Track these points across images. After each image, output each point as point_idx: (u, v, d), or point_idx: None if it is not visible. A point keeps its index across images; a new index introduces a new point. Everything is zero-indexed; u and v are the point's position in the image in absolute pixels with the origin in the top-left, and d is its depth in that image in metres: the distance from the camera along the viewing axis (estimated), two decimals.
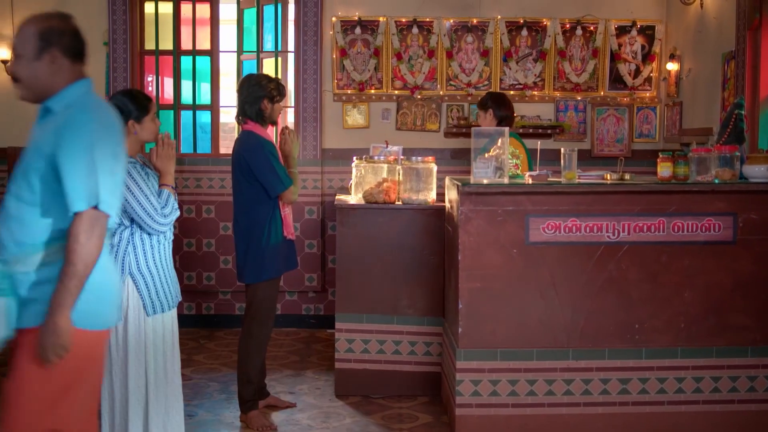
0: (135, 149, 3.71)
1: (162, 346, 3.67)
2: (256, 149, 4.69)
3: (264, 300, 4.76)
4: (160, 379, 3.67)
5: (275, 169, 4.65)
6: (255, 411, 4.80)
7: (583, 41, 7.01)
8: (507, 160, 4.50)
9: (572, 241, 4.43)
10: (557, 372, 4.47)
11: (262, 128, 4.78)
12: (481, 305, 4.45)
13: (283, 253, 4.79)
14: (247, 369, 4.78)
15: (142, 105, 3.69)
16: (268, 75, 4.89)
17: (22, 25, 2.91)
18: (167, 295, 3.66)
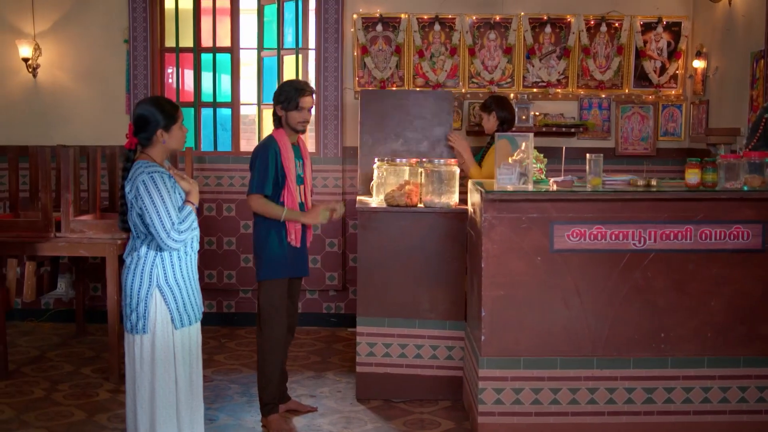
0: (163, 157, 3.70)
1: (188, 358, 3.65)
2: (258, 148, 4.77)
3: (267, 301, 4.72)
4: (187, 392, 3.65)
5: (258, 171, 4.66)
6: (275, 414, 4.78)
7: (607, 38, 6.91)
8: (531, 165, 4.44)
9: (597, 249, 4.37)
10: (581, 381, 4.42)
11: (283, 133, 4.74)
12: (504, 313, 4.40)
13: (288, 258, 4.73)
14: (264, 369, 4.75)
15: (170, 114, 3.66)
16: (289, 82, 4.82)
17: None
18: (193, 308, 3.66)
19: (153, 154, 3.65)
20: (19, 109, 7.06)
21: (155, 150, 3.65)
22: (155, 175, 3.51)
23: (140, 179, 3.50)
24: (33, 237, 5.48)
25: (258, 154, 4.71)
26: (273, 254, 4.71)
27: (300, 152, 4.84)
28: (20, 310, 7.09)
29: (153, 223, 3.48)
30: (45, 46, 7.00)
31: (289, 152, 4.72)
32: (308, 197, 4.89)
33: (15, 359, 5.99)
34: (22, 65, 6.98)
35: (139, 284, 3.56)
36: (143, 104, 3.67)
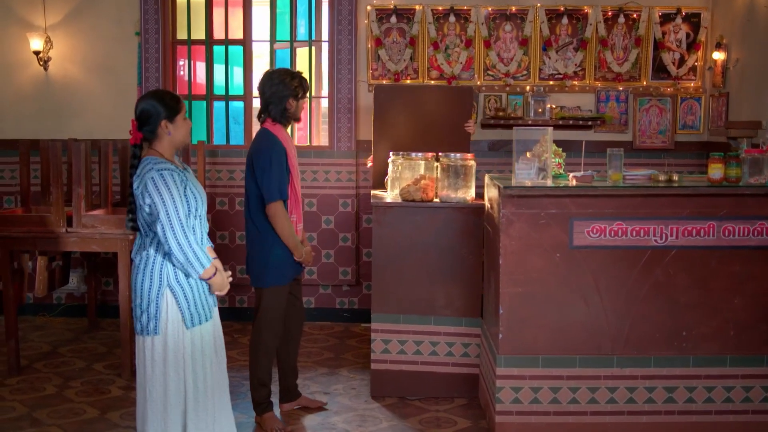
0: (171, 152, 3.59)
1: (201, 358, 3.56)
2: (264, 149, 4.51)
3: (268, 307, 4.62)
4: (202, 392, 3.57)
5: (273, 175, 4.45)
6: (269, 413, 4.72)
7: (625, 29, 6.80)
8: (550, 160, 4.35)
9: (618, 245, 4.28)
10: (601, 379, 4.34)
11: (281, 128, 4.60)
12: (522, 311, 4.32)
13: (291, 260, 4.62)
14: (257, 373, 4.68)
15: (172, 105, 3.55)
16: (290, 70, 4.68)
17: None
18: (204, 307, 3.56)
19: (161, 149, 3.53)
20: (30, 103, 7.01)
21: (162, 144, 3.53)
22: (165, 172, 3.40)
23: (149, 176, 3.39)
24: (44, 232, 5.43)
25: (271, 156, 4.47)
26: (280, 261, 4.58)
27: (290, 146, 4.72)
28: (32, 304, 7.06)
29: (161, 221, 3.37)
30: (56, 39, 6.95)
31: (293, 149, 4.62)
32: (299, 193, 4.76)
33: (27, 354, 5.95)
34: (33, 58, 6.92)
35: (150, 284, 3.47)
36: (144, 98, 3.56)
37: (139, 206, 3.45)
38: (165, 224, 3.36)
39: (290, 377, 4.93)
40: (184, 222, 3.39)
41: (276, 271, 4.59)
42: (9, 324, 5.50)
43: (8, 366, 5.54)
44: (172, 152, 3.59)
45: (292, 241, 4.54)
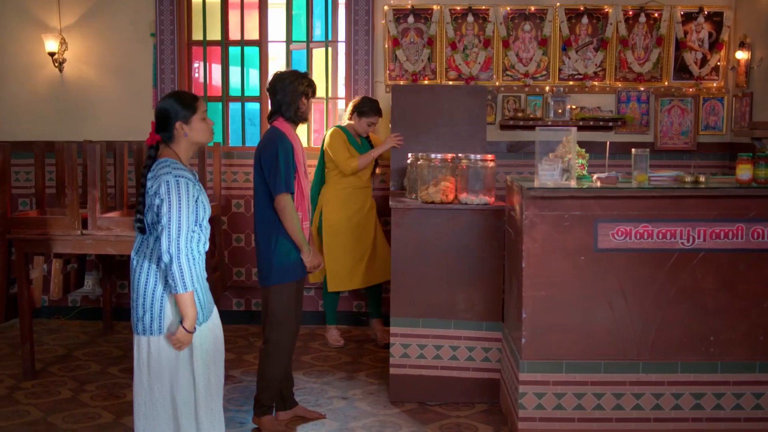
0: (188, 154, 3.51)
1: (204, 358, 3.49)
2: (270, 144, 4.47)
3: (275, 306, 4.53)
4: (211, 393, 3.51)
5: (280, 168, 4.40)
6: (269, 416, 4.64)
7: (646, 29, 6.69)
8: (574, 161, 4.25)
9: (644, 248, 4.19)
10: (626, 385, 4.24)
11: (289, 126, 4.56)
12: (545, 315, 4.23)
13: (297, 258, 4.53)
14: (266, 374, 4.59)
15: (188, 105, 3.46)
16: (298, 72, 4.63)
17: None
18: (203, 308, 3.47)
19: (178, 150, 3.46)
20: (45, 105, 6.97)
21: (180, 146, 3.46)
22: (181, 180, 3.31)
23: (164, 179, 3.31)
24: (59, 234, 5.37)
25: (278, 149, 4.42)
26: (287, 257, 4.50)
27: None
28: (47, 307, 7.01)
29: (163, 225, 3.29)
30: (71, 40, 6.90)
31: (300, 147, 4.57)
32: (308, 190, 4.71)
33: (42, 358, 5.90)
34: (48, 60, 6.88)
35: (154, 283, 3.39)
36: (163, 99, 3.51)
37: (149, 205, 3.37)
38: (166, 229, 3.28)
39: (285, 386, 4.81)
40: (183, 233, 3.30)
41: (282, 269, 4.49)
42: (24, 327, 5.45)
43: (23, 369, 5.49)
44: (189, 153, 3.52)
45: (299, 236, 4.47)
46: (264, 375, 4.60)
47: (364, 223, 6.22)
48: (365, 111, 6.13)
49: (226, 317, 6.63)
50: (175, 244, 3.28)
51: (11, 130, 6.86)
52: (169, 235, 3.27)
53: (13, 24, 6.95)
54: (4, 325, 6.78)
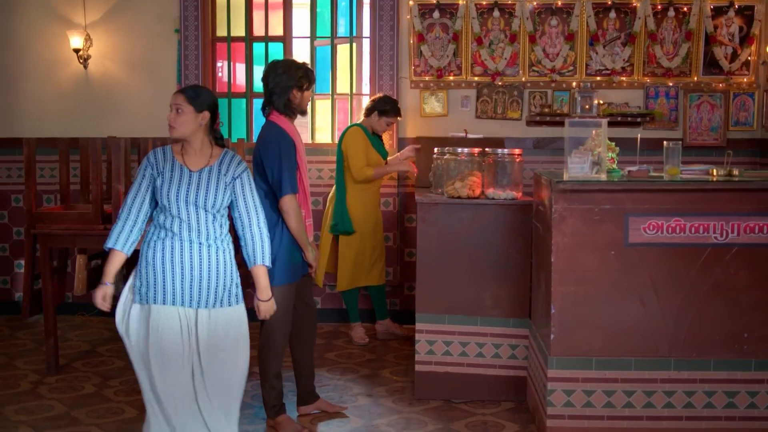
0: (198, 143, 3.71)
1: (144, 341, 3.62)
2: (272, 141, 4.32)
3: (280, 305, 4.36)
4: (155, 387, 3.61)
5: (284, 167, 4.26)
6: (283, 415, 4.55)
7: (675, 23, 6.59)
8: (604, 153, 4.17)
9: (676, 243, 4.10)
10: (657, 383, 4.15)
11: (286, 120, 4.41)
12: (575, 311, 4.15)
13: (299, 257, 4.45)
14: (267, 374, 4.51)
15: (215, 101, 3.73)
16: (295, 61, 4.50)
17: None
18: (156, 287, 3.62)
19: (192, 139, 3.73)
20: (70, 101, 6.97)
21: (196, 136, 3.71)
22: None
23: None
24: (83, 229, 5.35)
25: (280, 148, 4.28)
26: (290, 257, 4.40)
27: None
28: (71, 304, 7.01)
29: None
30: (96, 36, 6.90)
31: (301, 143, 4.44)
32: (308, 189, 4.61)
33: (66, 354, 5.89)
34: (73, 56, 6.88)
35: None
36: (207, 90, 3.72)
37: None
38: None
39: (306, 380, 4.77)
40: (129, 200, 3.64)
41: (284, 269, 4.37)
42: (48, 322, 5.44)
43: (47, 365, 5.48)
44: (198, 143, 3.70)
45: (303, 238, 4.38)
46: (267, 377, 4.51)
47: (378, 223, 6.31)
48: (387, 110, 6.08)
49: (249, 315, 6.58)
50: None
51: (36, 127, 6.86)
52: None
53: (38, 21, 6.96)
54: (28, 321, 6.81)
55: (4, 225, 7.13)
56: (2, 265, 7.17)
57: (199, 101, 3.58)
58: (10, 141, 6.97)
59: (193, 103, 3.58)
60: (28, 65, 7.00)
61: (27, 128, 6.92)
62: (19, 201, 7.08)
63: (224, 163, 3.65)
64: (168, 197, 3.56)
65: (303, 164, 4.43)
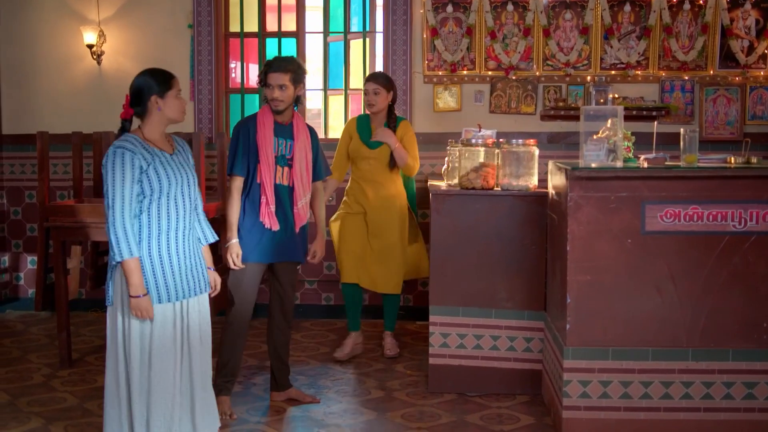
0: (160, 130, 3.55)
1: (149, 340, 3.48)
2: (236, 125, 4.58)
3: (229, 285, 4.50)
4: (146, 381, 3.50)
5: (230, 150, 4.50)
6: (222, 397, 4.49)
7: (691, 16, 6.54)
8: (620, 141, 4.13)
9: (693, 231, 4.05)
10: (675, 374, 4.09)
11: (267, 111, 4.52)
12: (591, 300, 4.10)
13: (263, 243, 4.48)
14: (220, 355, 4.54)
15: (164, 80, 3.54)
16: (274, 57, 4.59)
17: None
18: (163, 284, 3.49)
19: (148, 126, 3.53)
20: (84, 97, 6.98)
21: (151, 122, 3.52)
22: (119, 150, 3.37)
23: (109, 150, 3.40)
24: (96, 222, 5.33)
25: (238, 134, 4.51)
26: (243, 237, 4.48)
27: (291, 132, 4.55)
28: (84, 300, 7.00)
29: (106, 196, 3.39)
30: (109, 32, 6.91)
31: (266, 129, 4.46)
32: (299, 181, 4.56)
33: (78, 348, 5.87)
34: (86, 52, 6.89)
35: (111, 254, 3.44)
36: (138, 75, 3.59)
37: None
38: (105, 199, 3.39)
39: (276, 367, 4.77)
40: (119, 201, 3.35)
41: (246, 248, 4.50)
42: (60, 316, 5.43)
43: (60, 358, 5.47)
44: (160, 130, 3.57)
45: (227, 221, 4.47)
46: (218, 356, 4.52)
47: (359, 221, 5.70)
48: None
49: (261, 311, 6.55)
50: (110, 212, 3.36)
51: (50, 123, 6.85)
52: (107, 204, 3.38)
53: (52, 17, 6.98)
54: (42, 317, 6.82)
55: (18, 221, 7.14)
56: (16, 261, 7.18)
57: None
58: (23, 137, 6.98)
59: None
60: (41, 61, 7.02)
61: (40, 124, 6.90)
62: (32, 197, 7.08)
63: (179, 144, 3.67)
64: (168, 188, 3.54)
65: (263, 151, 4.45)
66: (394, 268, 5.61)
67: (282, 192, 4.52)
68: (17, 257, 7.18)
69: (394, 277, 5.62)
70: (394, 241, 5.60)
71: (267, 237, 4.50)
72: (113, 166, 3.36)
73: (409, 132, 5.62)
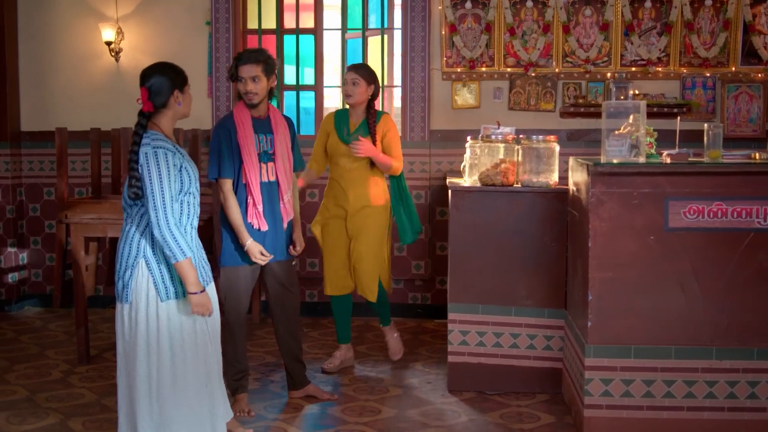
0: (172, 125, 3.58)
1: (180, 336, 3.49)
2: (214, 128, 4.52)
3: (224, 289, 4.45)
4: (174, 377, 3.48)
5: (211, 154, 4.41)
6: (239, 395, 4.55)
7: (712, 12, 6.46)
8: (643, 136, 4.07)
9: (717, 227, 3.99)
10: (699, 372, 4.04)
11: (243, 108, 4.46)
12: (613, 297, 4.05)
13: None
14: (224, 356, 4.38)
15: (182, 74, 3.58)
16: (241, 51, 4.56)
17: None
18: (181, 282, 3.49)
19: (163, 122, 3.52)
20: (102, 94, 6.98)
21: (167, 116, 3.53)
22: (159, 150, 3.39)
23: (143, 150, 3.39)
24: (114, 218, 5.33)
25: (220, 136, 4.40)
26: (230, 241, 4.43)
27: (269, 126, 4.51)
28: (102, 297, 7.01)
29: (147, 197, 3.37)
30: (127, 29, 6.91)
31: (246, 128, 4.40)
32: (283, 175, 4.52)
33: (96, 345, 5.87)
34: (105, 49, 6.90)
35: (128, 251, 3.46)
36: (154, 70, 3.55)
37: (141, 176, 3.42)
38: (150, 201, 3.36)
39: (290, 364, 4.75)
40: (168, 203, 3.36)
41: (227, 251, 4.45)
42: (78, 311, 5.42)
43: (78, 354, 5.47)
44: (172, 125, 3.59)
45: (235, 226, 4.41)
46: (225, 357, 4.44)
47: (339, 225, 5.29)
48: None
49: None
50: (162, 214, 3.34)
51: (68, 120, 6.85)
52: (155, 206, 3.34)
53: (70, 14, 6.98)
54: (60, 313, 6.82)
55: (36, 218, 7.16)
56: (34, 257, 7.19)
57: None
58: (42, 134, 6.99)
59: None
60: (60, 58, 7.03)
61: (59, 121, 6.92)
62: (51, 194, 7.09)
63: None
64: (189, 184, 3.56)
65: (245, 150, 4.39)
66: (372, 272, 5.19)
67: (267, 189, 4.47)
68: (36, 254, 7.19)
69: (371, 283, 5.19)
70: (371, 244, 5.18)
71: (257, 238, 4.44)
72: (158, 167, 3.36)
73: (392, 128, 5.20)
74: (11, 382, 5.07)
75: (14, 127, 7.05)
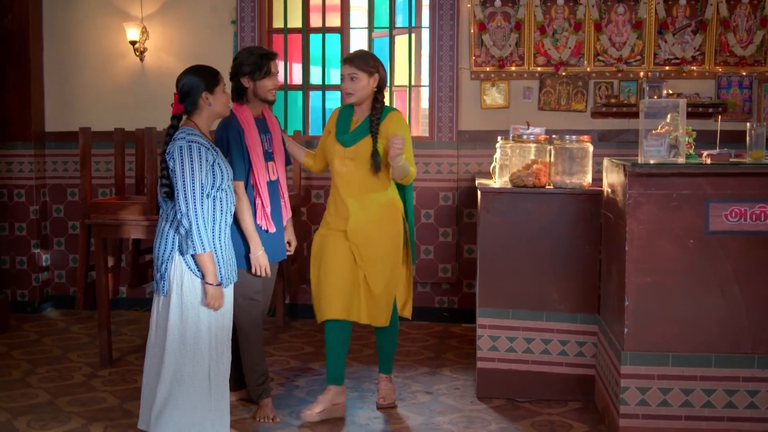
0: (208, 124, 3.78)
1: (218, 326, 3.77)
2: (224, 130, 4.23)
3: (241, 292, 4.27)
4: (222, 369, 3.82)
5: (234, 156, 4.17)
6: (263, 399, 4.47)
7: (749, 9, 6.28)
8: (682, 136, 3.92)
9: (760, 231, 3.84)
10: (740, 382, 3.88)
11: (245, 109, 4.31)
12: (650, 303, 3.91)
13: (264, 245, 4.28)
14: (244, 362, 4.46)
15: (212, 76, 3.75)
16: (253, 48, 4.37)
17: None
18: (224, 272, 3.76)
19: (198, 121, 3.74)
20: (126, 94, 6.93)
21: (201, 116, 3.74)
22: (194, 145, 3.57)
23: (177, 144, 3.57)
24: (138, 220, 5.25)
25: (230, 138, 4.18)
26: (240, 245, 4.25)
27: (266, 125, 4.40)
28: (125, 299, 6.95)
29: (177, 189, 3.54)
30: (152, 29, 6.84)
31: (252, 129, 4.27)
32: (282, 172, 4.43)
33: (119, 347, 5.80)
34: (129, 49, 6.84)
35: (164, 246, 3.66)
36: (185, 72, 3.78)
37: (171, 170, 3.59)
38: (180, 192, 3.52)
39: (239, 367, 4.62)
40: (198, 196, 3.53)
41: (239, 256, 4.25)
42: (101, 315, 5.34)
43: (100, 357, 5.39)
44: (209, 124, 3.80)
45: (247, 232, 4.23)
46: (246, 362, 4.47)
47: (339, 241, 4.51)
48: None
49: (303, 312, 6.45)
50: (192, 206, 3.51)
51: (92, 120, 6.80)
52: (185, 197, 3.51)
53: (95, 13, 6.93)
54: (83, 315, 6.76)
55: (60, 219, 7.11)
56: (57, 258, 7.14)
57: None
58: (66, 134, 6.95)
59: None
60: (85, 58, 6.98)
61: (83, 121, 6.85)
62: (74, 195, 7.04)
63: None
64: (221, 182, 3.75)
65: (253, 152, 4.25)
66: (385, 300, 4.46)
67: (271, 188, 4.36)
68: (59, 255, 7.14)
69: (385, 308, 4.45)
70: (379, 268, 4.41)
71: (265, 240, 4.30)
72: (191, 160, 3.52)
73: (401, 127, 4.40)
74: (33, 386, 5.00)
75: (38, 127, 7.01)
